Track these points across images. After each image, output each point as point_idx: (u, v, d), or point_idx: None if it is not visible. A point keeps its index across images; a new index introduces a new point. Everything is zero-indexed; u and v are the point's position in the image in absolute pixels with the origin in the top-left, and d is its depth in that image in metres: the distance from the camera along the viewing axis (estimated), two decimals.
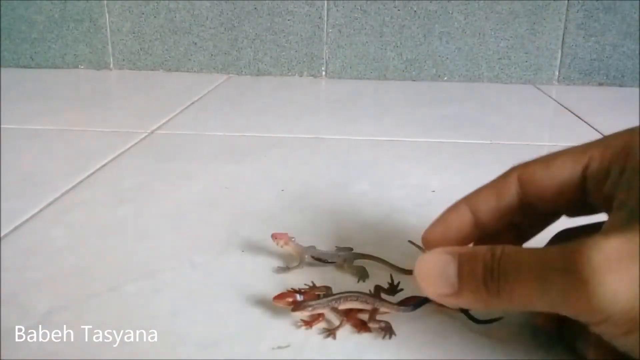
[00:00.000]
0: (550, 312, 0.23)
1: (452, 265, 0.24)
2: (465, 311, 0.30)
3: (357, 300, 0.30)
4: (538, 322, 0.28)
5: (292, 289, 0.31)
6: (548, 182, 0.26)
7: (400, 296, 0.32)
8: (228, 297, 0.32)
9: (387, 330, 0.29)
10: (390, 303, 0.30)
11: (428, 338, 0.29)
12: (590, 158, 0.26)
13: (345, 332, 0.29)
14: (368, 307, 0.30)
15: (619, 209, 0.24)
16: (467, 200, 0.28)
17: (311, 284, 0.33)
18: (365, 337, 0.29)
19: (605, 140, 0.26)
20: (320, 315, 0.29)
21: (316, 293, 0.31)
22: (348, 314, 0.30)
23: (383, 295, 0.31)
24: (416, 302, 0.30)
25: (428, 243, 0.29)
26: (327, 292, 0.31)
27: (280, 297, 0.30)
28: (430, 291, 0.25)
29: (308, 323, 0.29)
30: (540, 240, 0.29)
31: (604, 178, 0.25)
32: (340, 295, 0.30)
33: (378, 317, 0.29)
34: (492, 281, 0.23)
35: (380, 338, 0.29)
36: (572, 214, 0.28)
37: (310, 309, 0.29)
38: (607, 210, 0.25)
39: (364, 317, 0.30)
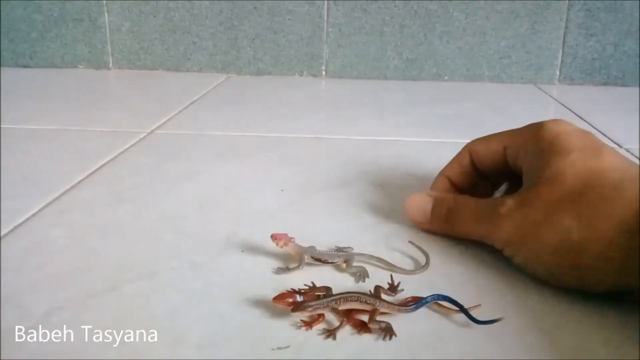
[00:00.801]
0: (479, 240, 0.36)
1: (428, 204, 0.39)
2: (465, 311, 0.30)
3: (357, 300, 0.30)
4: None
5: (291, 289, 0.31)
6: (485, 155, 0.40)
7: (400, 297, 0.32)
8: (228, 297, 0.32)
9: (388, 331, 0.29)
10: (390, 303, 0.30)
11: (428, 339, 0.29)
12: (510, 140, 0.38)
13: (345, 333, 0.29)
14: (368, 307, 0.30)
15: (527, 168, 0.36)
16: (442, 171, 0.43)
17: (311, 285, 0.33)
18: (365, 337, 0.29)
19: (522, 130, 0.38)
20: (320, 316, 0.29)
21: (316, 294, 0.31)
22: (348, 315, 0.30)
23: (383, 296, 0.31)
24: (417, 303, 0.30)
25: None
26: (327, 292, 0.31)
27: (280, 297, 0.30)
28: (412, 219, 0.40)
29: (308, 324, 0.29)
30: None
31: (516, 156, 0.37)
32: (341, 295, 0.30)
33: (378, 318, 0.29)
34: (451, 218, 0.38)
35: (381, 339, 0.29)
36: (505, 177, 0.41)
37: (310, 309, 0.29)
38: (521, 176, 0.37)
39: (365, 317, 0.30)
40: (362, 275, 0.34)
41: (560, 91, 0.89)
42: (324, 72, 0.95)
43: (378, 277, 0.34)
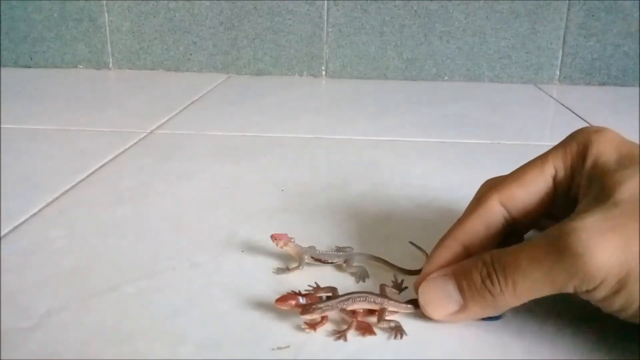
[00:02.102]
0: (554, 293, 0.25)
1: (450, 284, 0.27)
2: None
3: (365, 300, 0.29)
4: None
5: (292, 291, 0.31)
6: (528, 200, 0.29)
7: (405, 296, 0.32)
8: (228, 298, 0.32)
9: (398, 330, 0.29)
10: (398, 302, 0.30)
11: (428, 339, 0.29)
12: (555, 167, 0.30)
13: (323, 325, 0.29)
14: (376, 307, 0.29)
15: (584, 196, 0.28)
16: (454, 235, 0.30)
17: (315, 285, 0.33)
18: (365, 337, 0.29)
19: (561, 147, 0.30)
20: (324, 317, 0.29)
21: (319, 295, 0.31)
22: (353, 316, 0.30)
23: (390, 295, 0.31)
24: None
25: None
26: (332, 292, 0.31)
27: (282, 299, 0.30)
28: (439, 314, 0.28)
29: (312, 326, 0.29)
30: None
31: (570, 181, 0.29)
32: (349, 296, 0.29)
33: (387, 317, 0.29)
34: (493, 283, 0.26)
35: (392, 338, 0.28)
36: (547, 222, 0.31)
37: (319, 311, 0.29)
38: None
39: (372, 318, 0.30)
40: (362, 275, 0.34)
41: (560, 91, 0.89)
42: (324, 72, 0.95)
43: (378, 277, 0.34)
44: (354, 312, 0.30)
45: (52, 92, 0.83)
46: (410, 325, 0.30)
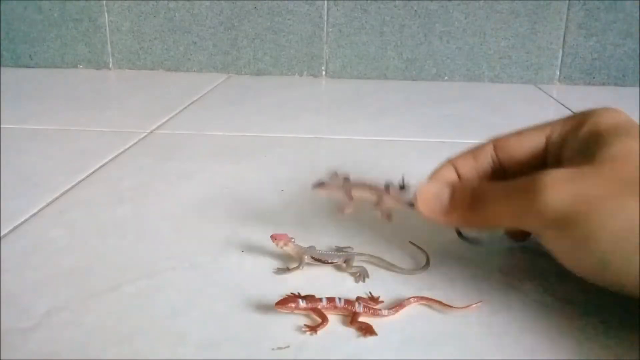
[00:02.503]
0: (513, 227, 0.33)
1: (446, 191, 0.33)
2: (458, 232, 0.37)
3: (366, 186, 0.35)
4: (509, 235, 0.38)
5: (292, 293, 0.31)
6: (519, 148, 0.34)
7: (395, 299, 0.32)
8: (228, 298, 0.32)
9: (362, 274, 0.34)
10: (396, 197, 0.35)
11: (428, 339, 0.29)
12: (552, 130, 0.34)
13: (346, 333, 0.29)
14: (375, 195, 0.35)
15: (573, 157, 0.31)
16: (452, 160, 0.36)
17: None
18: (365, 338, 0.29)
19: (565, 119, 0.34)
20: (325, 320, 0.29)
21: (319, 297, 0.31)
22: (353, 317, 0.30)
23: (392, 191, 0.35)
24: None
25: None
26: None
27: (282, 302, 0.30)
28: (426, 209, 0.33)
29: (313, 328, 0.29)
30: None
31: (560, 145, 0.33)
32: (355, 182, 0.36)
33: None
34: (474, 202, 0.31)
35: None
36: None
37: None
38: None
39: (370, 318, 0.30)
40: (362, 275, 0.34)
41: (560, 91, 0.89)
42: (324, 72, 0.95)
43: (378, 278, 0.34)
44: (354, 315, 0.30)
45: (52, 92, 0.83)
46: (410, 325, 0.30)
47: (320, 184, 0.36)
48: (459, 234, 0.38)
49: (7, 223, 0.41)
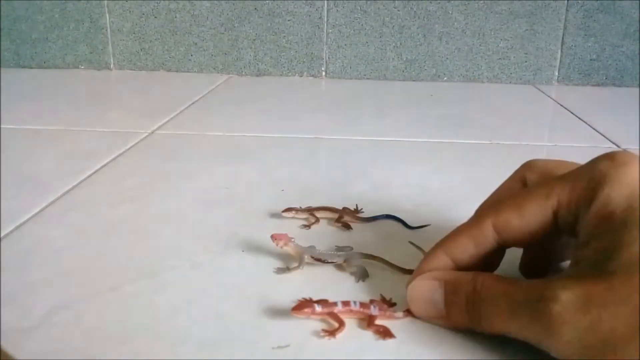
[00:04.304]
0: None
1: (439, 292, 0.28)
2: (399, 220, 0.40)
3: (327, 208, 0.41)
4: None
5: (303, 298, 0.31)
6: (523, 229, 0.28)
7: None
8: (228, 297, 0.32)
9: (362, 274, 0.34)
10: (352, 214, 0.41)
11: (427, 338, 0.29)
12: (559, 202, 0.28)
13: (346, 333, 0.29)
14: (335, 214, 0.41)
15: (577, 263, 0.26)
16: (445, 248, 0.30)
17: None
18: (365, 337, 0.29)
19: (571, 179, 0.28)
20: (342, 324, 0.29)
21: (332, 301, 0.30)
22: (369, 320, 0.29)
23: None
24: (375, 216, 0.40)
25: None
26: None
27: (298, 308, 0.29)
28: (421, 314, 0.29)
29: (331, 333, 0.29)
30: None
31: (574, 220, 0.27)
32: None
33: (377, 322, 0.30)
34: (473, 311, 0.27)
35: (377, 339, 0.29)
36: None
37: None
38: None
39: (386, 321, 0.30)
40: (361, 274, 0.34)
41: (558, 92, 0.89)
42: (323, 73, 0.96)
43: (378, 277, 0.34)
44: (370, 318, 0.30)
45: (53, 93, 0.84)
46: (410, 325, 0.30)
47: (288, 209, 0.42)
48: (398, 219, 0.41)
49: (9, 223, 0.41)
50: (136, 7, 0.94)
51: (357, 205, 0.44)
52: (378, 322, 0.30)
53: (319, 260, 0.35)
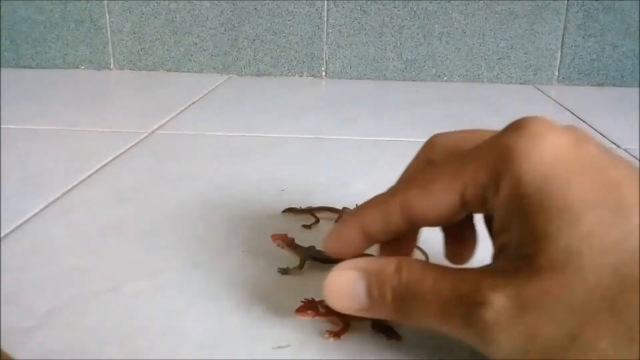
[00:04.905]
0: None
1: (360, 283, 0.25)
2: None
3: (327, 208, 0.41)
4: None
5: (305, 299, 0.31)
6: (430, 210, 0.26)
7: None
8: (228, 297, 0.32)
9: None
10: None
11: (427, 338, 0.29)
12: (464, 183, 0.24)
13: (346, 333, 0.29)
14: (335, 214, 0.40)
15: (501, 251, 0.23)
16: (356, 217, 0.28)
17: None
18: (365, 337, 0.29)
19: (476, 156, 0.25)
20: (347, 325, 0.29)
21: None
22: (374, 321, 0.29)
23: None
24: None
25: (329, 252, 0.29)
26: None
27: (301, 309, 0.29)
28: (341, 307, 0.26)
29: (336, 334, 0.29)
30: None
31: (483, 202, 0.24)
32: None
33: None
34: (400, 307, 0.24)
35: (384, 340, 0.29)
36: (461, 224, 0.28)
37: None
38: (491, 231, 0.26)
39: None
40: None
41: (558, 92, 0.89)
42: (323, 73, 0.96)
43: None
44: (376, 321, 0.29)
45: (53, 93, 0.84)
46: (409, 325, 0.30)
47: (288, 209, 0.42)
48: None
49: (8, 223, 0.41)
50: (136, 7, 0.94)
51: (357, 205, 0.43)
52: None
53: (320, 259, 0.35)
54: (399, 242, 0.28)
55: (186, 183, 0.50)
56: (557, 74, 0.93)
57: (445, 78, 0.94)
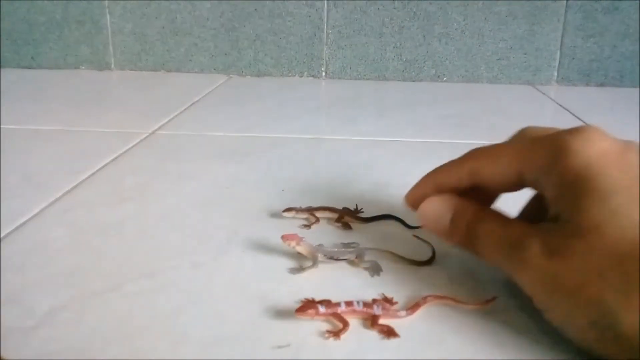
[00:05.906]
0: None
1: (448, 214, 0.33)
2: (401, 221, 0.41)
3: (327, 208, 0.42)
4: None
5: (306, 299, 0.31)
6: (491, 178, 0.32)
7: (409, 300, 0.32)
8: (228, 297, 0.32)
9: (376, 269, 0.35)
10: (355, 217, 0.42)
11: (428, 338, 0.29)
12: (524, 164, 0.31)
13: (347, 332, 0.29)
14: (335, 214, 0.42)
15: (550, 219, 0.29)
16: (432, 176, 0.35)
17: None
18: (365, 337, 0.29)
19: (540, 145, 0.30)
20: (346, 325, 0.29)
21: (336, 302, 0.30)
22: (373, 320, 0.30)
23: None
24: (375, 216, 0.41)
25: (409, 203, 0.36)
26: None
27: (302, 309, 0.29)
28: (430, 227, 0.34)
29: (336, 334, 0.29)
30: None
31: (537, 182, 0.30)
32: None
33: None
34: (470, 237, 0.32)
35: (381, 338, 0.29)
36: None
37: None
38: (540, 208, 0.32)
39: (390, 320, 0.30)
40: (375, 269, 0.35)
41: (558, 92, 0.89)
42: (324, 73, 0.96)
43: (391, 270, 0.35)
44: (374, 317, 0.30)
45: (54, 93, 0.84)
46: (409, 325, 0.30)
47: (289, 209, 0.42)
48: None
49: (9, 223, 0.41)
50: (137, 7, 0.94)
51: (357, 205, 0.44)
52: (381, 321, 0.30)
53: (331, 257, 0.35)
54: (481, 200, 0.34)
55: (186, 183, 0.50)
56: (556, 74, 0.93)
57: (444, 78, 0.94)
